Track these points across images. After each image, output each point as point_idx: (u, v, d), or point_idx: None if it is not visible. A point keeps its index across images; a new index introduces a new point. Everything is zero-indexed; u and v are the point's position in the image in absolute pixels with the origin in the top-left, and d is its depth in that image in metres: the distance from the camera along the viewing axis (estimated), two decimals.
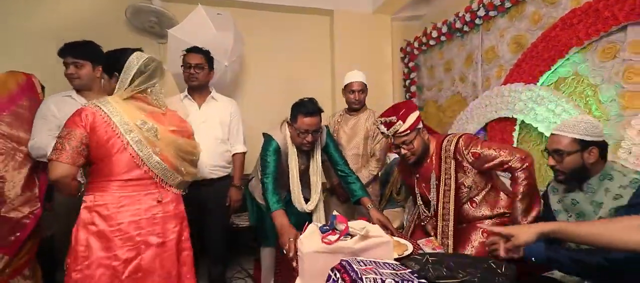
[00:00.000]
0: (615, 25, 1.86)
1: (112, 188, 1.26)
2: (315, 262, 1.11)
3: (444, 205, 1.61)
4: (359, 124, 2.31)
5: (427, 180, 1.72)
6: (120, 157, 1.26)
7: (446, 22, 3.09)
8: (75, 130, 1.22)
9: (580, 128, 1.24)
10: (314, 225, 1.27)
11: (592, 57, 2.02)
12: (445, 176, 1.60)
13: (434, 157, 1.66)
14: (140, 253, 1.27)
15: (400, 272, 1.01)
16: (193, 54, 2.06)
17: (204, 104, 2.11)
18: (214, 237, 2.14)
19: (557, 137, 1.30)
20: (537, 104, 2.20)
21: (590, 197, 1.26)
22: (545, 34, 2.24)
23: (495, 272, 1.02)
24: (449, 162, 1.60)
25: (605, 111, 1.97)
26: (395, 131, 1.63)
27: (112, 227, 1.24)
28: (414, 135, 1.64)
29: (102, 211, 1.24)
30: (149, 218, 1.30)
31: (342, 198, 2.26)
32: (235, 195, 2.14)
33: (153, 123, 1.33)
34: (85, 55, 1.81)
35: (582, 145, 1.25)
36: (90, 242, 1.22)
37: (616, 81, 1.90)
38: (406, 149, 1.65)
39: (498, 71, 2.67)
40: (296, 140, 1.78)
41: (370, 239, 1.16)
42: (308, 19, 3.62)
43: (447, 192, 1.60)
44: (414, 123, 1.64)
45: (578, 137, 1.24)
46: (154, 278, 1.29)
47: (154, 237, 1.30)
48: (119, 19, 3.00)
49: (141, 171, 1.29)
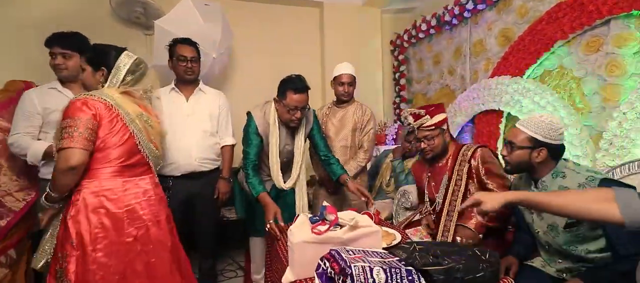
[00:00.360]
0: (599, 19, 1.90)
1: (115, 174, 1.35)
2: (305, 251, 1.13)
3: (450, 203, 1.67)
4: (347, 116, 2.33)
5: (437, 181, 1.78)
6: (125, 145, 1.37)
7: (435, 15, 3.11)
8: (81, 117, 1.26)
9: (538, 127, 1.29)
10: (303, 215, 1.28)
11: (577, 50, 2.07)
12: (457, 177, 1.68)
13: (450, 159, 1.74)
14: (149, 230, 1.39)
15: (388, 260, 1.03)
16: (187, 47, 2.02)
17: (191, 97, 2.08)
18: (203, 230, 2.14)
19: (516, 130, 1.36)
20: (523, 97, 2.24)
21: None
22: (531, 27, 2.27)
23: (479, 259, 1.05)
24: (463, 165, 1.67)
25: (588, 103, 2.02)
26: (421, 124, 1.72)
27: (121, 209, 1.33)
28: (437, 133, 1.73)
29: (110, 195, 1.32)
30: (147, 200, 1.41)
31: (330, 190, 2.28)
32: (223, 188, 2.13)
33: (147, 114, 1.47)
34: (73, 46, 1.80)
35: (533, 144, 1.30)
36: (104, 223, 1.30)
37: (599, 74, 1.95)
38: (426, 144, 1.74)
39: (486, 64, 2.70)
40: (284, 116, 1.80)
41: (359, 229, 1.18)
42: (298, 11, 3.60)
43: (457, 191, 1.67)
44: (440, 122, 1.73)
45: (532, 135, 1.30)
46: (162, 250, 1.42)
47: (153, 217, 1.42)
48: (104, 10, 2.94)
49: (139, 157, 1.42)
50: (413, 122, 1.75)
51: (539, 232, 1.35)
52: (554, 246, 1.31)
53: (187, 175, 2.01)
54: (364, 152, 2.31)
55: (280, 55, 3.52)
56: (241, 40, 3.27)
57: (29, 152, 1.72)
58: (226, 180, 2.14)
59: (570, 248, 1.26)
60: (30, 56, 2.70)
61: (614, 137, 1.80)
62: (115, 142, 1.34)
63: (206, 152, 2.06)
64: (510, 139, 1.35)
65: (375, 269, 0.94)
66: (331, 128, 2.35)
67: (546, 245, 1.36)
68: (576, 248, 1.25)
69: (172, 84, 2.08)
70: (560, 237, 1.28)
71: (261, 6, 3.44)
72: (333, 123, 2.34)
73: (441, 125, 1.73)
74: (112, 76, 1.40)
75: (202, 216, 2.11)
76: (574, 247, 1.25)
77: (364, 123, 2.31)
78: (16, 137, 1.74)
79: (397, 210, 2.37)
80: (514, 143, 1.33)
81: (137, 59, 1.46)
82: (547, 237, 1.32)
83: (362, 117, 2.31)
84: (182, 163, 1.99)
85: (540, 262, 1.35)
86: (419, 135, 1.76)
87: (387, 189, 2.78)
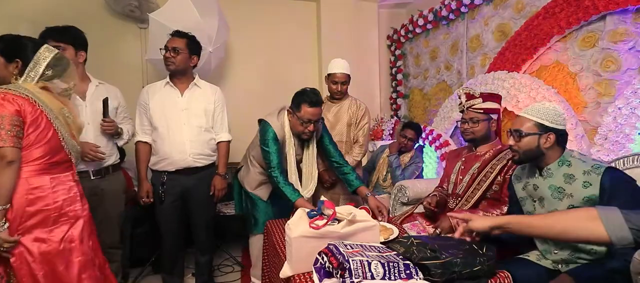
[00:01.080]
0: (595, 14, 1.91)
1: (43, 171, 1.33)
2: (303, 246, 1.12)
3: (473, 190, 1.71)
4: (341, 111, 2.34)
5: (468, 167, 1.78)
6: (49, 142, 1.33)
7: (432, 10, 3.11)
8: (4, 113, 1.22)
9: (543, 113, 1.30)
10: (301, 210, 1.28)
11: (573, 45, 2.07)
12: (488, 170, 1.69)
13: (488, 153, 1.74)
14: (72, 226, 1.39)
15: (386, 255, 1.03)
16: (173, 38, 2.00)
17: (186, 91, 2.04)
18: (199, 224, 2.13)
19: (520, 119, 1.36)
20: (520, 92, 2.25)
21: (548, 182, 1.32)
22: (528, 22, 2.28)
23: (476, 253, 1.06)
24: (496, 165, 1.68)
25: (583, 98, 2.03)
26: (472, 105, 1.73)
27: (50, 206, 1.32)
28: (483, 118, 1.72)
29: (39, 193, 1.30)
30: (72, 196, 1.40)
31: (326, 185, 2.29)
32: (219, 184, 2.11)
33: (67, 109, 1.44)
34: (67, 39, 1.78)
35: (541, 130, 1.30)
36: (35, 221, 1.30)
37: (594, 69, 1.96)
38: (470, 126, 1.74)
39: (482, 59, 2.71)
40: (298, 128, 1.80)
41: (357, 224, 1.18)
42: (294, 6, 3.58)
43: (483, 182, 1.69)
44: (490, 110, 1.73)
45: (539, 121, 1.30)
46: (84, 247, 1.42)
47: (77, 213, 1.42)
48: (98, 3, 2.90)
49: (63, 154, 1.39)
50: (464, 102, 1.76)
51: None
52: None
53: (182, 171, 2.00)
54: (360, 147, 2.32)
55: (276, 49, 3.50)
56: (237, 34, 3.25)
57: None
58: (222, 177, 2.13)
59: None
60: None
61: (609, 132, 1.81)
62: (38, 139, 1.30)
63: (201, 147, 2.05)
64: (517, 127, 1.34)
65: (373, 263, 0.94)
66: (326, 123, 2.34)
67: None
68: None
69: (167, 78, 2.05)
70: None
71: (258, 0, 3.42)
72: (328, 118, 2.34)
73: (490, 114, 1.74)
74: (30, 70, 1.34)
75: (197, 211, 2.10)
76: None
77: (358, 118, 2.32)
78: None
79: (394, 205, 2.38)
80: (521, 130, 1.32)
81: (58, 53, 1.41)
82: None
83: (356, 112, 2.32)
84: (176, 158, 1.98)
85: (536, 255, 1.37)
86: (466, 115, 1.76)
87: (383, 184, 2.79)
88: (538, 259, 1.36)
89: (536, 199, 1.37)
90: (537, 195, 1.35)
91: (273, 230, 1.61)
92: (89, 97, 1.87)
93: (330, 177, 2.25)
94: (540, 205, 1.35)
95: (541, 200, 1.34)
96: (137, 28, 3.05)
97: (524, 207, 1.44)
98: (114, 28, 3.00)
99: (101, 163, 1.86)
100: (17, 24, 2.65)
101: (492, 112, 1.74)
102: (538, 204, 1.36)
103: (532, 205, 1.39)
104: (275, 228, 1.62)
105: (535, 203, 1.38)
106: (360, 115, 2.32)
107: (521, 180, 1.45)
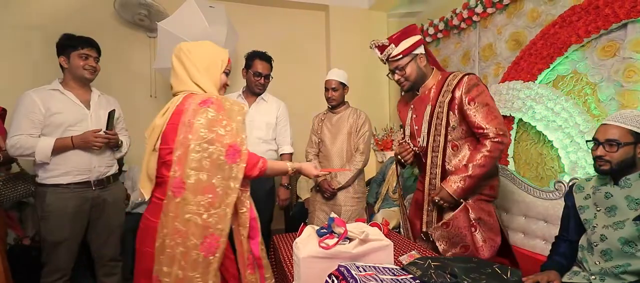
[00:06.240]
0: (615, 23, 1.83)
1: None
2: (312, 267, 1.06)
3: (434, 139, 1.56)
4: (341, 120, 2.33)
5: (420, 113, 1.64)
6: None
7: (443, 19, 3.05)
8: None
9: (634, 120, 1.22)
10: (310, 227, 1.22)
11: (592, 55, 2.00)
12: (439, 109, 1.54)
13: (434, 88, 1.60)
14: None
15: (402, 278, 0.97)
16: (265, 63, 2.24)
17: (253, 104, 2.27)
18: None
19: (611, 127, 1.26)
20: (536, 102, 2.17)
21: (625, 192, 1.23)
22: (544, 31, 2.20)
23: (500, 278, 0.99)
24: (446, 95, 1.52)
25: (604, 110, 1.95)
26: (389, 55, 1.61)
27: None
28: (407, 61, 1.60)
29: None
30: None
31: (326, 195, 2.24)
32: (283, 194, 2.30)
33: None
34: (96, 49, 1.88)
35: (636, 138, 1.22)
36: None
37: (616, 79, 1.88)
38: (399, 75, 1.64)
39: (496, 69, 2.64)
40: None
41: (369, 243, 1.12)
42: (303, 14, 3.56)
43: (439, 125, 1.54)
44: (409, 48, 1.58)
45: (634, 129, 1.22)
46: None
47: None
48: (108, 12, 2.91)
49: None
50: (380, 55, 1.63)
51: (598, 226, 1.27)
52: (609, 242, 1.22)
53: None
54: (361, 154, 2.28)
55: (285, 58, 3.46)
56: (246, 43, 3.22)
57: (36, 150, 1.67)
58: (285, 187, 2.30)
59: (628, 247, 1.18)
60: (34, 57, 2.67)
61: None
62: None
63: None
64: (609, 137, 1.24)
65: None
66: (327, 133, 2.35)
67: (595, 243, 1.26)
68: (637, 246, 1.17)
69: (240, 91, 2.31)
70: (624, 230, 1.19)
71: (266, 9, 3.40)
72: (329, 128, 2.34)
73: (412, 51, 1.59)
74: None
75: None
76: (635, 246, 1.18)
77: (359, 126, 2.31)
78: (18, 138, 1.67)
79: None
80: (618, 140, 1.23)
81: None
82: (607, 230, 1.23)
83: (356, 121, 2.31)
84: None
85: (584, 277, 1.28)
86: (390, 66, 1.65)
87: (393, 196, 2.71)
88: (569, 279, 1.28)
89: (602, 208, 1.28)
90: (607, 204, 1.27)
91: (280, 245, 1.55)
92: (93, 106, 1.86)
93: (330, 186, 2.21)
94: (607, 214, 1.26)
95: (611, 209, 1.26)
96: (146, 37, 3.05)
97: (581, 215, 1.35)
98: (123, 37, 3.00)
99: (103, 173, 1.84)
100: (28, 32, 2.68)
101: (412, 49, 1.60)
102: (603, 213, 1.28)
103: (593, 214, 1.31)
104: (282, 244, 1.56)
105: (598, 212, 1.29)
106: (360, 123, 2.31)
107: (584, 190, 1.36)
